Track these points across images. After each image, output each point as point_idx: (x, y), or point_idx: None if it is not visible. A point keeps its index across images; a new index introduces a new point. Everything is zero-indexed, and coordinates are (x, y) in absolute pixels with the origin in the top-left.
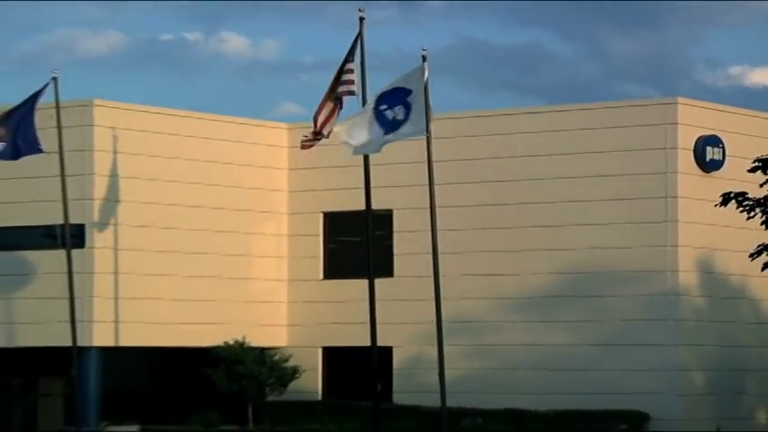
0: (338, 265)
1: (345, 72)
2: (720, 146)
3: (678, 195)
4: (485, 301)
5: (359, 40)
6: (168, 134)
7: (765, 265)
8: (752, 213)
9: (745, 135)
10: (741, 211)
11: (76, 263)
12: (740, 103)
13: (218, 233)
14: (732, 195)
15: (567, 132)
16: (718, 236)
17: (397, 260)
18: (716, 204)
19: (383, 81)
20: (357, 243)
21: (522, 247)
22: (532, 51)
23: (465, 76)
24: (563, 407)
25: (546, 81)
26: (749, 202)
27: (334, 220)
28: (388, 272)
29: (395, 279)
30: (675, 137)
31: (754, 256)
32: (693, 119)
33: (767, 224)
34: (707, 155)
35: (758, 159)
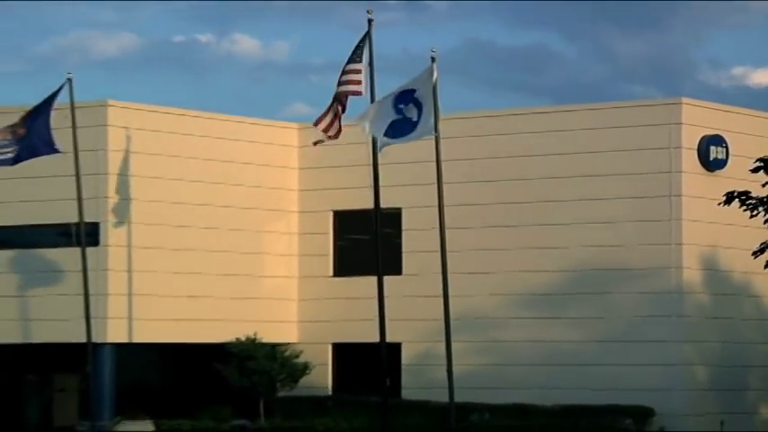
0: (348, 262)
1: (349, 72)
2: (724, 145)
3: (682, 194)
4: (492, 297)
5: (366, 40)
6: (181, 134)
7: None
8: (755, 212)
9: (749, 135)
10: (744, 210)
11: (91, 260)
12: (743, 103)
13: (229, 231)
14: (735, 194)
15: (573, 132)
16: (721, 234)
17: (405, 258)
18: (719, 203)
19: (390, 82)
20: (366, 241)
21: (529, 245)
22: (538, 52)
23: (471, 76)
24: (569, 402)
25: (551, 82)
26: (752, 201)
27: (343, 219)
28: (396, 269)
29: (403, 276)
30: (680, 136)
31: (757, 253)
32: (697, 119)
33: None
34: (710, 154)
35: (760, 159)
